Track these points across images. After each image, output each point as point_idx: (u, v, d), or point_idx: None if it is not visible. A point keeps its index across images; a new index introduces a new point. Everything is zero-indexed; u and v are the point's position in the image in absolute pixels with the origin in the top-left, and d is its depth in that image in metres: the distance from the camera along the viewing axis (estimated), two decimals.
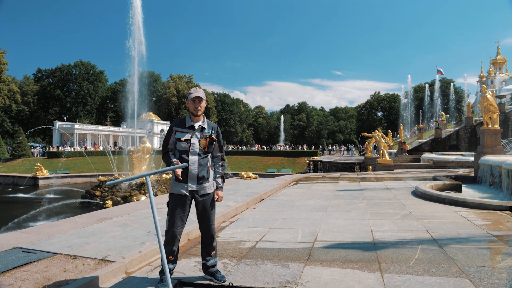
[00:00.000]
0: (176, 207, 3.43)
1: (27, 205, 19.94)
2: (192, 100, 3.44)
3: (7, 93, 57.52)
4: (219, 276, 3.47)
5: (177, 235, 3.44)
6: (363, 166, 25.27)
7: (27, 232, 5.51)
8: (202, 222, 3.57)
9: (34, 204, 20.06)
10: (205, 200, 3.53)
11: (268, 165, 44.81)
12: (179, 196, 3.44)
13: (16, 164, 41.83)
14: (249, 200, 8.81)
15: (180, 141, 3.43)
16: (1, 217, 17.00)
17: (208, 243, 3.59)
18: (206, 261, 3.55)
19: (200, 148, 3.45)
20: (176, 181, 3.44)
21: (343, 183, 12.45)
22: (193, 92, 3.47)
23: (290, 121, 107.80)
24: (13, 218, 13.90)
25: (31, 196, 25.38)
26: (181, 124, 3.51)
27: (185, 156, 3.41)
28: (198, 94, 3.45)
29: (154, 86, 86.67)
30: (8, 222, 13.29)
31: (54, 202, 18.45)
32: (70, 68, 75.66)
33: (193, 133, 3.47)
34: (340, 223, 5.99)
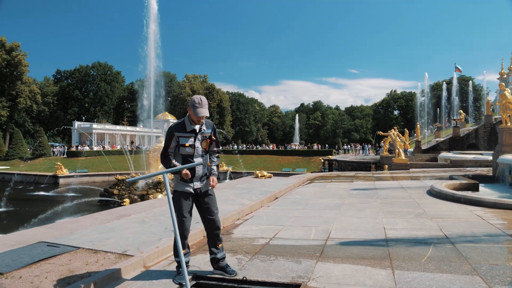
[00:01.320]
0: (182, 203, 3.56)
1: (49, 203, 20.53)
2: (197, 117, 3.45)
3: (28, 94, 59.18)
4: (229, 270, 3.59)
5: (188, 228, 3.60)
6: (379, 165, 25.06)
7: (51, 227, 5.76)
8: (206, 215, 3.67)
9: (55, 202, 20.63)
10: (209, 195, 3.70)
11: (283, 164, 44.82)
12: (184, 193, 3.57)
13: (37, 163, 43.01)
14: (264, 199, 8.93)
15: (185, 147, 3.51)
16: (24, 214, 17.62)
17: (215, 235, 3.69)
18: (215, 255, 3.66)
19: (203, 149, 3.61)
20: (181, 181, 3.57)
21: (357, 182, 12.43)
22: (198, 107, 3.42)
23: (305, 120, 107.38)
24: (36, 215, 14.39)
25: (52, 194, 26.14)
26: (182, 128, 3.55)
27: (190, 159, 3.54)
28: (205, 113, 3.44)
29: (169, 86, 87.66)
30: (31, 219, 13.78)
31: (74, 200, 18.95)
32: (88, 69, 77.34)
33: (196, 136, 3.56)
34: (353, 221, 6.04)
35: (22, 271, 3.78)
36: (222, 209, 7.24)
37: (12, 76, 56.42)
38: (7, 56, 54.75)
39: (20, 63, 55.76)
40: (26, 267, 3.89)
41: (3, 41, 55.15)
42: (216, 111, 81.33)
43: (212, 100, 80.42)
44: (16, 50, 55.50)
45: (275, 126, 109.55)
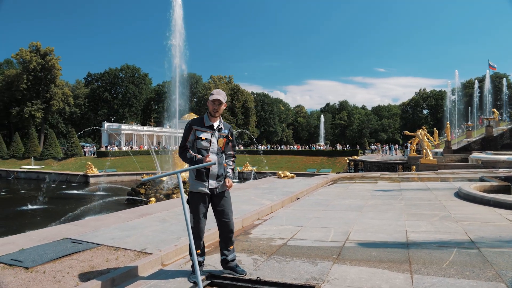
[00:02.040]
0: (199, 204, 3.60)
1: (79, 201, 21.28)
2: (212, 101, 3.60)
3: (61, 97, 61.66)
4: (239, 270, 3.61)
5: (203, 229, 3.63)
6: (406, 166, 24.39)
7: (76, 224, 5.97)
8: (221, 217, 3.67)
9: (85, 200, 21.39)
10: (224, 196, 3.71)
11: (308, 165, 44.44)
12: (200, 194, 3.60)
13: (69, 162, 44.72)
14: (285, 199, 8.89)
15: (201, 140, 3.57)
16: (56, 211, 18.33)
17: (228, 238, 3.70)
18: (225, 256, 3.68)
19: (218, 147, 3.65)
20: (196, 179, 3.60)
21: (382, 183, 12.15)
22: (214, 94, 3.60)
23: (330, 120, 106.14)
24: (66, 213, 14.96)
25: (82, 193, 27.12)
26: (201, 123, 3.64)
27: (204, 152, 3.57)
28: (219, 97, 3.57)
29: (195, 88, 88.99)
30: (62, 216, 14.34)
31: (103, 199, 19.57)
32: (117, 71, 79.73)
33: (213, 132, 3.62)
34: (374, 223, 5.90)
35: (46, 266, 3.94)
36: (242, 209, 7.29)
37: (46, 80, 59.02)
38: (41, 60, 57.32)
39: (53, 67, 58.24)
40: (50, 262, 4.05)
41: (38, 46, 57.78)
42: (241, 111, 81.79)
43: (237, 101, 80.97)
44: (50, 55, 58.03)
45: (300, 126, 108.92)
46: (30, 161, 46.04)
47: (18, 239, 4.97)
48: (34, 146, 49.44)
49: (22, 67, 57.95)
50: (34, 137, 51.27)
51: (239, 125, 78.45)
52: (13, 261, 4.06)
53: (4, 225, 14.98)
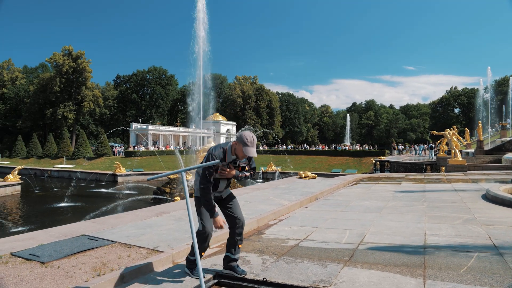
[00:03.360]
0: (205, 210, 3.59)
1: (107, 199, 21.90)
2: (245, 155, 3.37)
3: (92, 98, 63.82)
4: (239, 270, 3.58)
5: (211, 232, 3.60)
6: (435, 166, 23.56)
7: (94, 222, 6.14)
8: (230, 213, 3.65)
9: (113, 199, 21.98)
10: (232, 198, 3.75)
11: (333, 165, 43.83)
12: None
13: (99, 162, 46.21)
14: (303, 199, 8.78)
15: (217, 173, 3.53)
16: (85, 209, 18.95)
17: (238, 234, 3.65)
18: (230, 254, 3.65)
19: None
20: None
21: (406, 184, 11.77)
22: (250, 146, 3.33)
23: (357, 120, 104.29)
24: (94, 210, 15.44)
25: (111, 191, 27.89)
26: (223, 159, 3.48)
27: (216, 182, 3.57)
28: (254, 155, 3.38)
29: (220, 88, 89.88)
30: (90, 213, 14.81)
31: (129, 197, 20.05)
32: (144, 73, 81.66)
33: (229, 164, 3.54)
34: (392, 225, 5.71)
35: (61, 261, 4.06)
36: (259, 209, 7.26)
37: (78, 82, 61.26)
38: (73, 63, 59.55)
39: (84, 70, 60.37)
40: (65, 258, 4.17)
41: (70, 50, 60.08)
42: (266, 111, 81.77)
43: (261, 101, 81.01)
44: (81, 58, 60.16)
45: (325, 126, 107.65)
46: (63, 160, 47.94)
47: (38, 235, 5.15)
48: (66, 146, 51.45)
49: (56, 71, 60.43)
50: (66, 137, 53.36)
51: (263, 125, 78.46)
52: (31, 256, 4.21)
53: (38, 221, 15.61)
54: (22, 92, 66.53)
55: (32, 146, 53.17)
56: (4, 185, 20.72)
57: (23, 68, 77.82)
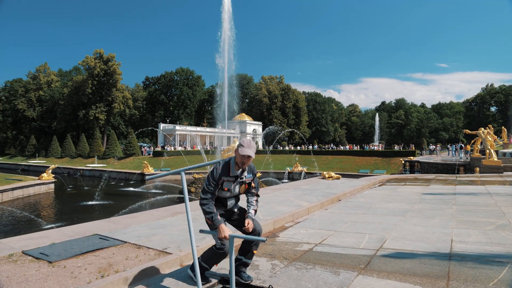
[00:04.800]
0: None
1: (135, 198, 22.34)
2: (242, 155, 3.29)
3: (122, 100, 65.67)
4: (245, 276, 3.40)
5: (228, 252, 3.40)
6: (468, 167, 22.41)
7: (109, 221, 6.13)
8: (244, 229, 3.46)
9: (140, 198, 22.40)
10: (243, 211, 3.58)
11: (360, 166, 42.77)
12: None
13: (128, 161, 47.42)
14: (324, 201, 8.47)
15: (224, 190, 3.40)
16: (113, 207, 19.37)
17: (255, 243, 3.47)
18: (243, 257, 3.48)
19: (240, 192, 3.51)
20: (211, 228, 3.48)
21: (435, 186, 11.17)
22: (245, 147, 3.27)
23: (386, 119, 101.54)
24: (122, 208, 15.72)
25: (139, 190, 28.48)
26: (227, 173, 3.36)
27: (223, 201, 3.46)
28: (250, 153, 3.26)
29: (246, 88, 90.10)
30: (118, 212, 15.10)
31: (156, 196, 20.34)
32: (172, 74, 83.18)
33: (235, 181, 3.41)
34: (416, 230, 5.34)
35: (68, 261, 4.02)
36: (276, 210, 7.05)
37: (109, 84, 63.17)
38: (104, 66, 61.49)
39: (115, 72, 62.19)
40: (73, 258, 4.13)
41: (101, 53, 62.07)
42: (292, 111, 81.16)
43: (287, 101, 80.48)
44: (111, 61, 62.03)
45: (353, 126, 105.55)
46: (94, 160, 49.56)
47: (52, 234, 5.18)
48: (97, 146, 53.17)
49: (88, 73, 62.62)
50: (98, 137, 55.15)
51: (290, 125, 77.90)
52: (40, 255, 4.20)
53: (68, 218, 16.08)
54: (57, 95, 69.47)
55: (66, 146, 55.34)
56: (39, 183, 21.55)
57: (58, 72, 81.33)
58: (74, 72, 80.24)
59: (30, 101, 71.56)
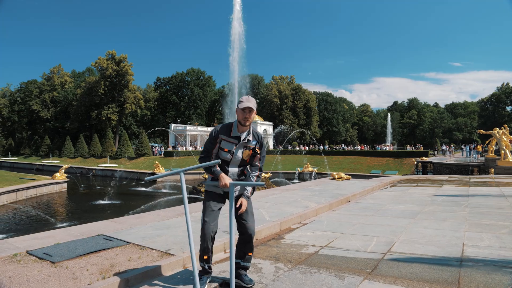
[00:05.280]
0: (210, 205, 3.34)
1: (145, 198, 22.48)
2: (242, 109, 3.19)
3: (133, 100, 66.32)
4: (246, 280, 3.31)
5: (210, 232, 3.29)
6: (483, 168, 21.92)
7: (115, 221, 6.12)
8: (239, 218, 3.36)
9: (151, 197, 22.52)
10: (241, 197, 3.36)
11: (372, 166, 42.27)
12: (215, 194, 3.35)
13: (139, 161, 47.83)
14: (333, 202, 8.33)
15: (224, 151, 3.28)
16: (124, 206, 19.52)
17: (247, 241, 3.37)
18: (240, 261, 3.40)
19: (242, 160, 3.31)
20: (213, 180, 3.33)
21: (447, 187, 10.91)
22: (244, 101, 3.20)
23: (398, 119, 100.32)
24: (133, 208, 15.82)
25: (149, 190, 28.66)
26: (227, 132, 3.28)
27: (225, 166, 3.30)
28: (249, 104, 3.19)
29: (257, 88, 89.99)
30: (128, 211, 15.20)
31: (166, 196, 20.42)
32: (183, 75, 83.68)
33: (238, 144, 3.28)
34: (426, 233, 5.18)
35: (71, 261, 4.00)
36: (283, 211, 6.95)
37: (121, 85, 63.87)
38: (116, 67, 62.19)
39: (126, 73, 62.84)
40: (76, 258, 4.11)
41: (114, 54, 62.79)
42: (303, 111, 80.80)
43: (298, 101, 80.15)
44: (123, 62, 62.69)
45: (365, 126, 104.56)
46: (107, 159, 50.14)
47: (57, 233, 5.19)
48: (110, 146, 53.80)
49: (100, 74, 63.44)
50: (110, 137, 55.81)
51: (301, 125, 77.54)
52: (44, 255, 4.20)
53: (79, 218, 16.26)
54: (71, 95, 70.55)
55: (79, 146, 56.15)
56: (52, 183, 21.85)
57: (72, 73, 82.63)
58: (87, 73, 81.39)
59: (44, 102, 72.90)
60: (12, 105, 78.12)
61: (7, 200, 16.80)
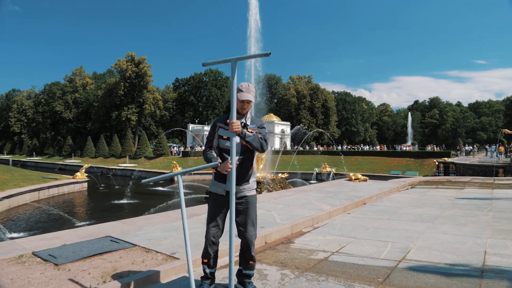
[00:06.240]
0: (213, 208, 3.22)
1: (163, 197, 22.64)
2: (241, 101, 3.08)
3: (152, 101, 67.22)
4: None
5: (210, 237, 3.18)
6: (508, 169, 21.08)
7: (124, 222, 6.07)
8: (238, 227, 3.21)
9: (168, 197, 22.67)
10: (243, 202, 3.18)
11: (392, 167, 41.37)
12: (217, 195, 3.20)
13: (158, 161, 48.40)
14: (347, 204, 8.08)
15: (223, 139, 3.14)
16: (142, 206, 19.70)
17: (245, 250, 3.24)
18: (242, 268, 3.28)
19: (242, 145, 3.11)
20: (215, 180, 3.20)
21: (469, 189, 10.44)
22: (243, 91, 3.08)
23: (419, 119, 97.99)
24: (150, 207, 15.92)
25: (167, 190, 28.90)
26: (224, 120, 3.17)
27: (226, 154, 3.12)
28: (249, 97, 3.07)
29: (275, 89, 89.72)
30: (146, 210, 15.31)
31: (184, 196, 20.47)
32: (201, 76, 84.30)
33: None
34: (445, 239, 4.89)
35: (74, 264, 3.94)
36: (295, 214, 6.76)
37: (140, 86, 64.84)
38: (136, 68, 63.16)
39: (145, 74, 63.72)
40: (80, 261, 4.05)
41: (133, 56, 63.78)
42: (321, 111, 79.99)
43: (316, 101, 79.40)
44: (142, 63, 63.61)
45: (385, 126, 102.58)
46: (126, 159, 50.96)
47: (65, 234, 5.17)
48: (129, 146, 54.70)
49: (120, 76, 64.60)
50: (129, 138, 56.76)
51: (318, 125, 76.81)
52: (49, 257, 4.16)
53: (98, 216, 16.50)
54: (92, 97, 72.17)
55: (100, 146, 57.33)
56: (73, 182, 22.33)
57: (93, 74, 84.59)
58: (107, 75, 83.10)
59: (67, 103, 74.87)
60: (36, 107, 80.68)
61: (29, 199, 17.23)
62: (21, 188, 17.18)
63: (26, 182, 19.15)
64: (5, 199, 14.95)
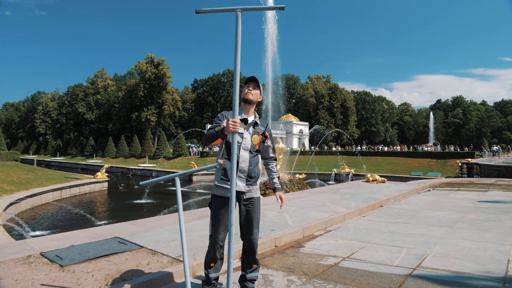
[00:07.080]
0: (218, 211, 3.09)
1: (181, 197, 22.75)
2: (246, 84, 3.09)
3: (171, 102, 68.11)
4: None
5: (219, 241, 3.08)
6: None
7: (134, 223, 6.05)
8: (243, 229, 3.11)
9: (186, 197, 22.77)
10: (249, 204, 3.08)
11: (413, 168, 40.36)
12: (223, 198, 3.06)
13: (176, 161, 48.90)
14: (363, 207, 7.84)
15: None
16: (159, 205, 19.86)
17: (250, 253, 3.12)
18: (245, 273, 3.16)
19: (252, 145, 3.02)
20: (223, 178, 3.04)
21: (493, 192, 9.97)
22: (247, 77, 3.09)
23: (442, 119, 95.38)
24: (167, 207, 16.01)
25: (185, 190, 29.09)
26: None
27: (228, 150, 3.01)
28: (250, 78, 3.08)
29: (293, 89, 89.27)
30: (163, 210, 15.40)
31: (200, 196, 20.57)
32: (219, 76, 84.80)
33: (246, 127, 3.04)
34: (464, 246, 4.62)
35: (79, 265, 3.92)
36: (309, 216, 6.58)
37: (159, 87, 65.79)
38: (155, 70, 64.10)
39: (165, 75, 64.60)
40: (85, 262, 4.03)
41: (153, 57, 64.75)
42: (340, 111, 79.01)
43: (335, 100, 78.49)
44: (161, 65, 64.48)
45: (406, 126, 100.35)
46: (146, 159, 51.73)
47: (74, 235, 5.17)
48: (149, 146, 55.52)
49: (140, 77, 65.71)
50: (149, 138, 57.62)
51: (337, 125, 75.89)
52: (55, 258, 4.15)
53: (117, 216, 16.74)
54: (113, 98, 73.70)
55: (120, 147, 58.44)
56: (93, 181, 22.80)
57: (114, 76, 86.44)
58: (128, 77, 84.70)
59: (89, 105, 76.74)
60: (60, 108, 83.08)
61: (52, 198, 17.66)
62: (44, 187, 17.65)
63: (49, 181, 19.67)
64: (29, 198, 15.36)
